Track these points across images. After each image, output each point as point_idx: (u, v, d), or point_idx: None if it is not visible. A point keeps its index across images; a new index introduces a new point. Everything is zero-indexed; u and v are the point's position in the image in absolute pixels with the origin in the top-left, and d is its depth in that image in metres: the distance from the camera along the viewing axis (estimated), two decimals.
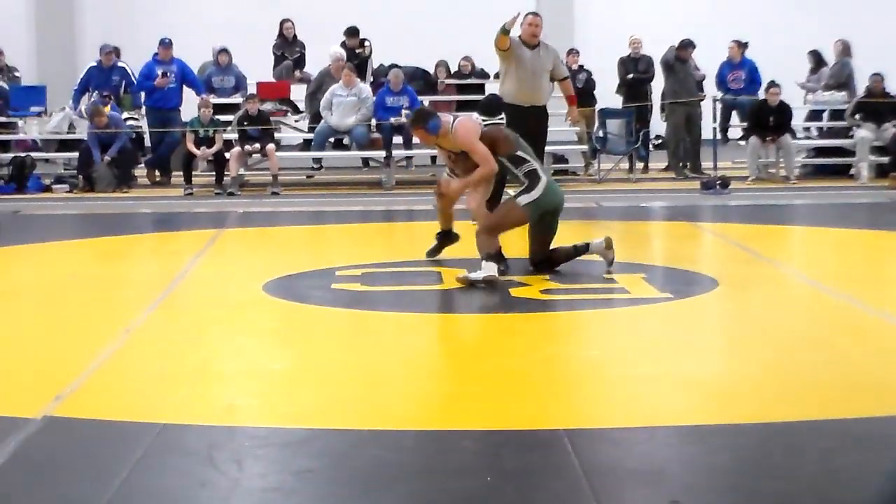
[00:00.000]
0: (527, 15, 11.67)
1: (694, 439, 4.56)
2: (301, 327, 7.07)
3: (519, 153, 8.66)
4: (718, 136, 17.53)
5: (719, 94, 17.65)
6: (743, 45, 17.68)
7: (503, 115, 11.35)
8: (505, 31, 11.17)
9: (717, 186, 14.73)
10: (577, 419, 4.86)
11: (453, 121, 8.82)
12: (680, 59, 16.97)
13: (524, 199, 8.51)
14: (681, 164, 17.15)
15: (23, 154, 16.91)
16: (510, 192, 9.10)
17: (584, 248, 8.66)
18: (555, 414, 4.94)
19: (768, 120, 16.15)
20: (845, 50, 17.97)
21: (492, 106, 11.14)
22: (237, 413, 5.02)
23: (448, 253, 9.29)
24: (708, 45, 17.86)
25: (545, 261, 8.67)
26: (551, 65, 11.66)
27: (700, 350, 6.28)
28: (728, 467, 4.24)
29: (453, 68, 18.31)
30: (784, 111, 16.34)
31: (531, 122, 11.28)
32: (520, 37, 11.54)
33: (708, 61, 17.73)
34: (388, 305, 7.47)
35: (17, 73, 19.25)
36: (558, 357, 6.07)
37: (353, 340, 6.64)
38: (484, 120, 9.58)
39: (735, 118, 17.98)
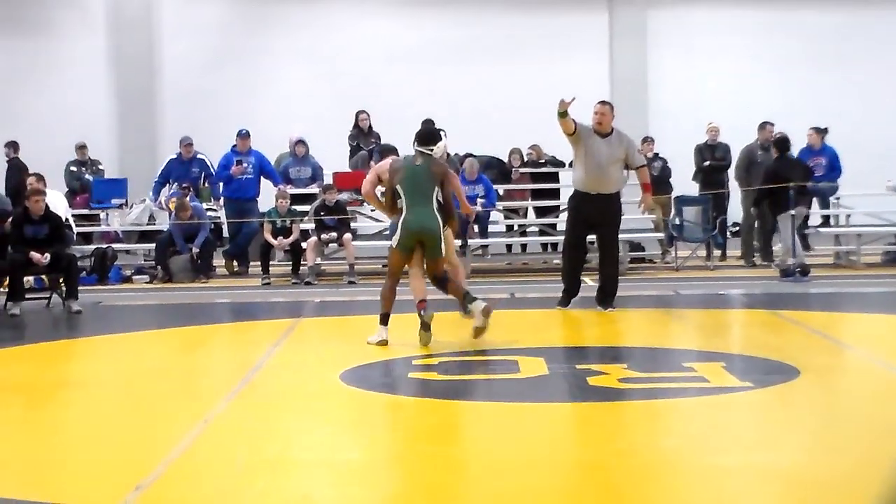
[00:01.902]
0: (595, 104, 11.77)
1: None
2: (378, 417, 7.05)
3: (396, 187, 9.69)
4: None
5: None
6: (822, 132, 17.53)
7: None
8: (561, 115, 11.30)
9: (797, 274, 14.57)
10: None
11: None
12: (763, 146, 16.92)
13: (392, 243, 9.75)
14: (754, 253, 17.02)
15: (104, 246, 17.21)
16: None
17: (469, 301, 9.48)
18: None
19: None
20: None
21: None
22: None
23: (523, 342, 9.23)
24: (786, 132, 17.77)
25: (436, 280, 9.69)
26: (623, 154, 11.63)
27: (784, 440, 6.16)
28: None
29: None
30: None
31: (596, 209, 11.51)
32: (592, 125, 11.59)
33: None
34: (465, 395, 7.44)
35: (100, 167, 19.64)
36: (637, 447, 5.99)
37: (430, 430, 6.60)
38: (418, 148, 9.76)
39: (815, 206, 17.77)
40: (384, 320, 9.61)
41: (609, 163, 11.55)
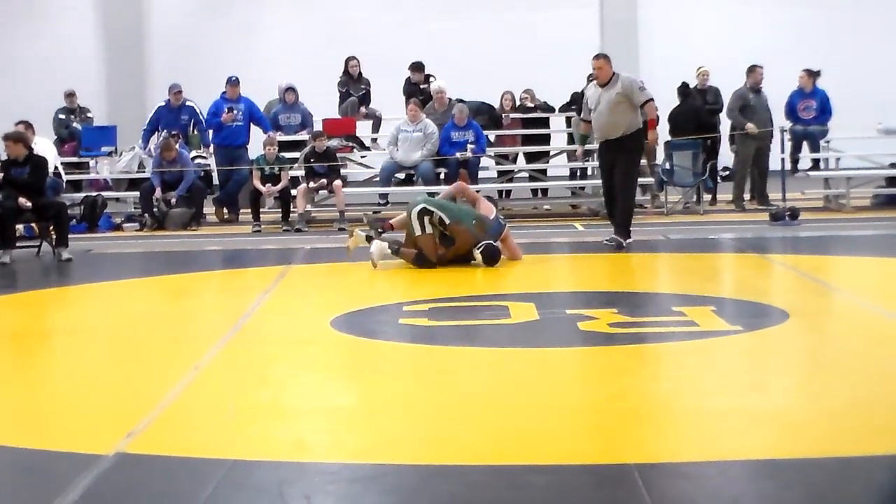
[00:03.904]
0: (592, 59, 12.48)
1: (767, 474, 4.49)
2: (369, 363, 7.08)
3: None
4: (787, 167, 17.35)
5: (788, 125, 17.47)
6: (815, 74, 17.47)
7: None
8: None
9: (787, 218, 14.59)
10: (648, 454, 4.81)
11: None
12: (753, 89, 16.92)
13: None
14: (745, 197, 17.02)
15: (94, 194, 17.19)
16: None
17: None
18: (625, 448, 4.89)
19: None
20: None
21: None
22: (307, 449, 5.03)
23: (513, 288, 9.26)
24: (777, 74, 17.76)
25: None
26: (623, 96, 12.04)
27: (772, 383, 6.20)
28: (803, 502, 4.17)
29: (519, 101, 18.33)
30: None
31: (610, 153, 12.25)
32: None
33: (776, 91, 17.57)
34: (455, 340, 7.46)
35: (89, 114, 19.56)
36: (627, 391, 6.02)
37: (421, 375, 6.63)
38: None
39: (805, 149, 17.75)
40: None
41: (609, 109, 12.05)
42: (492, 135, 17.61)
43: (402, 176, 16.96)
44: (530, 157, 18.49)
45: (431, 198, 11.87)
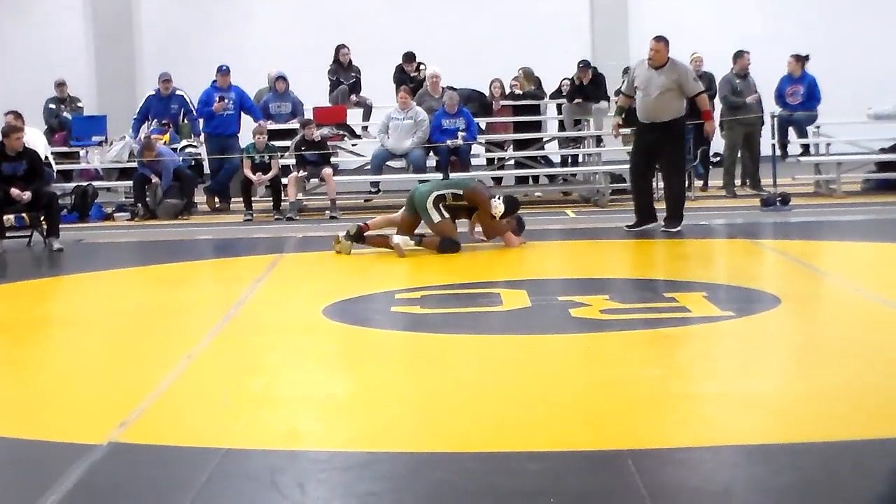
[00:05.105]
0: (650, 40, 12.56)
1: (759, 459, 4.50)
2: (361, 351, 7.09)
3: None
4: (777, 153, 17.35)
5: (777, 110, 17.47)
6: (803, 59, 17.47)
7: None
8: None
9: (777, 203, 14.61)
10: (641, 440, 4.82)
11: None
12: (740, 74, 16.92)
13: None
14: (735, 182, 17.03)
15: (85, 183, 17.15)
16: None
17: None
18: (618, 434, 4.90)
19: None
20: None
21: None
22: (299, 437, 5.04)
23: (505, 275, 9.28)
24: (766, 60, 17.75)
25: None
26: (675, 83, 12.23)
27: (764, 368, 6.21)
28: (794, 487, 4.19)
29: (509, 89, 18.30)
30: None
31: (653, 137, 12.33)
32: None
33: (768, 76, 17.56)
34: (447, 328, 7.46)
35: (79, 104, 19.52)
36: (619, 377, 6.03)
37: (413, 363, 6.64)
38: None
39: (793, 134, 17.75)
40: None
41: (659, 92, 12.20)
42: (482, 122, 17.59)
43: (397, 165, 16.93)
44: (521, 145, 18.47)
45: (432, 182, 12.17)
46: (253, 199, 16.16)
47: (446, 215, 11.19)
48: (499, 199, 11.34)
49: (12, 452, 4.99)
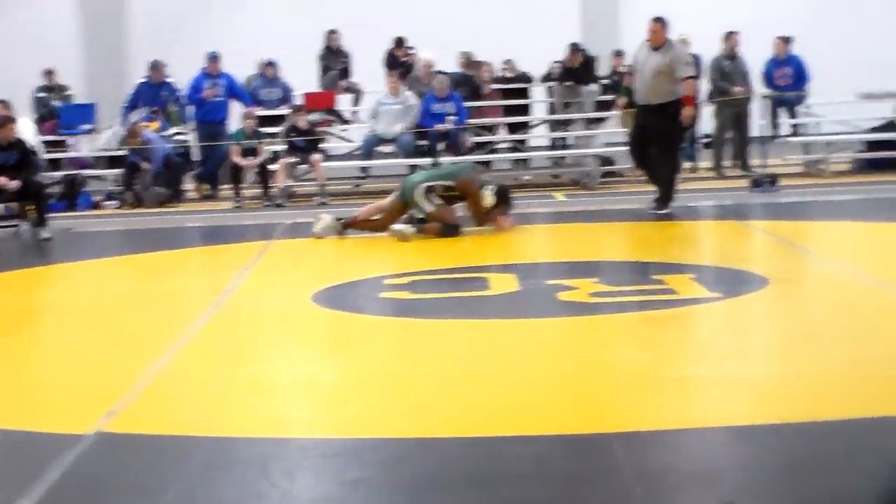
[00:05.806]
0: (649, 21, 12.64)
1: (747, 440, 4.51)
2: (351, 337, 7.09)
3: None
4: (767, 134, 17.36)
5: (766, 91, 17.48)
6: (787, 41, 17.48)
7: None
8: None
9: (767, 184, 14.63)
10: (627, 422, 4.83)
11: None
12: (728, 56, 16.91)
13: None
14: (723, 163, 17.04)
15: (74, 172, 17.12)
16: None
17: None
18: (604, 418, 4.91)
19: None
20: None
21: None
22: (288, 425, 5.04)
23: (493, 259, 9.28)
24: (754, 42, 17.73)
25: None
26: (667, 65, 12.23)
27: (751, 349, 6.23)
28: (783, 467, 4.19)
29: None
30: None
31: (647, 118, 12.38)
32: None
33: (757, 58, 17.54)
34: (436, 313, 7.46)
35: (68, 92, 19.46)
36: (607, 360, 6.04)
37: (401, 349, 6.64)
38: None
39: (783, 115, 17.77)
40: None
41: (652, 74, 12.25)
42: (472, 106, 17.57)
43: (387, 150, 16.91)
44: (511, 128, 18.47)
45: (422, 172, 12.13)
46: (242, 185, 16.15)
47: (439, 202, 11.18)
48: (490, 188, 11.32)
49: None
